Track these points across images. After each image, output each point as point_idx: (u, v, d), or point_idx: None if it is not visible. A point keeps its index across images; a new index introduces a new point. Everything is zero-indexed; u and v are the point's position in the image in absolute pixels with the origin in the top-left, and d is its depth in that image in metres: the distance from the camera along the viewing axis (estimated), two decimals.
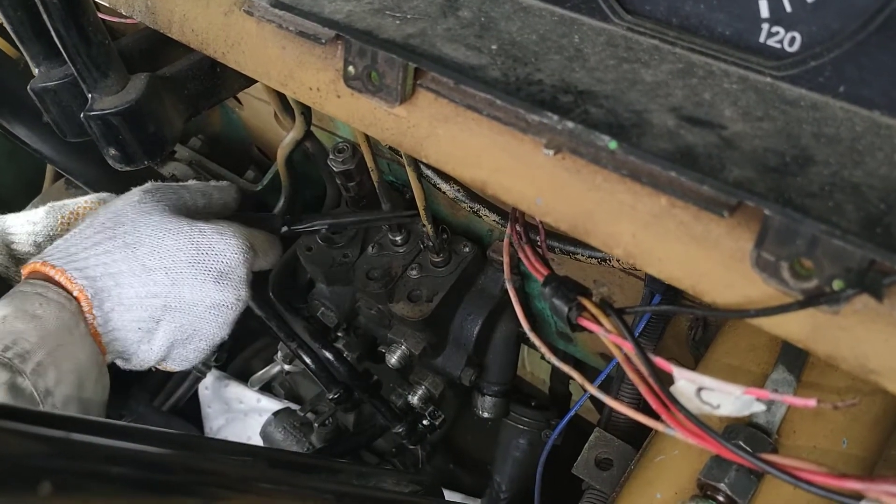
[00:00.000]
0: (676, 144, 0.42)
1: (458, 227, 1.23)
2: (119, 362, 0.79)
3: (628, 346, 0.47)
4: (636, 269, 0.98)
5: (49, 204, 0.90)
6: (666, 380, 0.47)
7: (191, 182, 0.90)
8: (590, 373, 1.49)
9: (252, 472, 0.51)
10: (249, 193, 1.38)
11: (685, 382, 0.45)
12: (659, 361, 0.46)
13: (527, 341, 1.36)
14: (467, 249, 1.14)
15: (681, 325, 1.02)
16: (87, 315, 0.73)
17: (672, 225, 0.44)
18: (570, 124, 0.44)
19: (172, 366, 0.82)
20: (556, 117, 0.44)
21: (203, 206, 0.89)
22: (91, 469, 0.34)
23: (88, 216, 0.81)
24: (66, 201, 0.91)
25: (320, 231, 1.12)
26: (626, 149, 0.42)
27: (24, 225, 0.89)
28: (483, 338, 1.18)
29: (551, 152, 0.45)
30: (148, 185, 0.84)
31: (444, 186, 1.04)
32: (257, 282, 1.30)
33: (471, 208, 1.04)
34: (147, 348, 0.78)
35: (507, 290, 1.17)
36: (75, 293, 0.72)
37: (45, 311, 0.69)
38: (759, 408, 0.43)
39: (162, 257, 0.76)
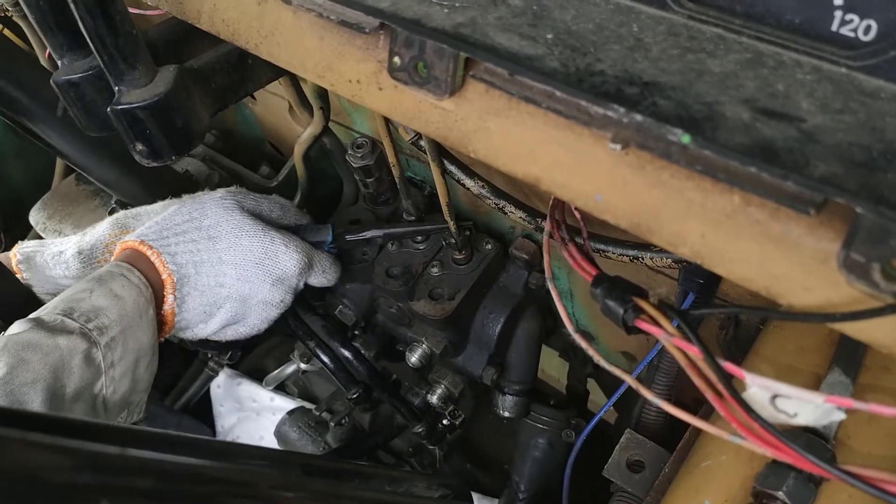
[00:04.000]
0: (754, 138, 0.40)
1: (479, 224, 1.21)
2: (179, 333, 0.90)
3: (694, 351, 0.45)
4: (667, 269, 0.96)
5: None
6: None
7: (273, 196, 1.00)
8: (603, 376, 1.47)
9: (295, 481, 0.49)
10: (264, 189, 1.36)
11: (758, 389, 0.42)
12: (727, 366, 0.44)
13: (546, 340, 1.34)
14: (489, 247, 1.12)
15: (711, 324, 0.99)
16: (168, 296, 0.82)
17: (746, 224, 0.42)
18: (639, 117, 0.42)
19: (213, 338, 0.93)
20: (622, 110, 0.42)
21: (276, 217, 0.98)
22: (149, 486, 0.32)
23: (175, 203, 0.91)
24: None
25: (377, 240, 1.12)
26: (701, 143, 0.40)
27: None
28: (505, 336, 1.16)
29: (618, 147, 0.42)
30: (233, 187, 0.95)
31: (469, 182, 1.01)
32: None
33: (496, 205, 1.01)
34: (203, 327, 0.88)
35: (529, 288, 1.16)
36: (164, 276, 0.82)
37: (126, 294, 0.77)
38: (840, 417, 0.41)
39: (236, 253, 0.86)
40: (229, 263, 0.85)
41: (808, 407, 0.41)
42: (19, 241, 0.95)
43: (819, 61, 0.45)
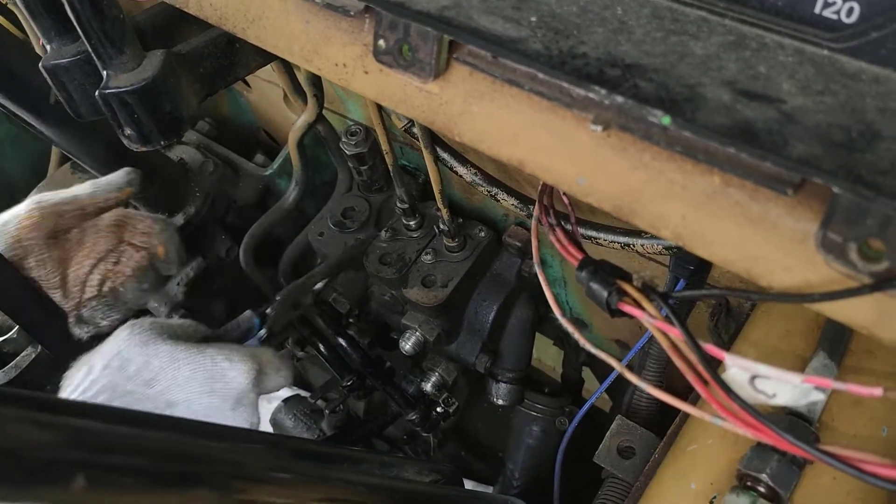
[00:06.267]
0: (734, 119, 0.40)
1: (472, 212, 1.21)
2: None
3: (676, 333, 0.45)
4: (658, 255, 0.96)
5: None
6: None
7: (174, 320, 0.85)
8: (597, 364, 1.47)
9: (282, 462, 0.50)
10: (259, 178, 1.36)
11: (738, 370, 0.43)
12: (709, 348, 0.44)
13: (540, 328, 1.34)
14: (482, 234, 1.12)
15: (700, 311, 1.00)
16: None
17: (726, 205, 0.42)
18: (620, 99, 0.42)
19: None
20: (603, 91, 0.42)
21: (193, 332, 0.84)
22: (126, 462, 0.32)
23: (83, 365, 0.74)
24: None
25: (301, 301, 1.03)
26: (681, 124, 0.40)
27: None
28: (498, 324, 1.17)
29: (599, 128, 0.42)
30: (131, 320, 0.79)
31: (462, 170, 1.01)
32: (269, 266, 1.27)
33: (488, 192, 1.01)
34: None
35: (522, 276, 1.16)
36: None
37: None
38: (818, 397, 0.41)
39: (181, 390, 0.74)
40: (179, 403, 0.74)
41: (786, 387, 0.41)
42: None
43: (801, 43, 0.45)
